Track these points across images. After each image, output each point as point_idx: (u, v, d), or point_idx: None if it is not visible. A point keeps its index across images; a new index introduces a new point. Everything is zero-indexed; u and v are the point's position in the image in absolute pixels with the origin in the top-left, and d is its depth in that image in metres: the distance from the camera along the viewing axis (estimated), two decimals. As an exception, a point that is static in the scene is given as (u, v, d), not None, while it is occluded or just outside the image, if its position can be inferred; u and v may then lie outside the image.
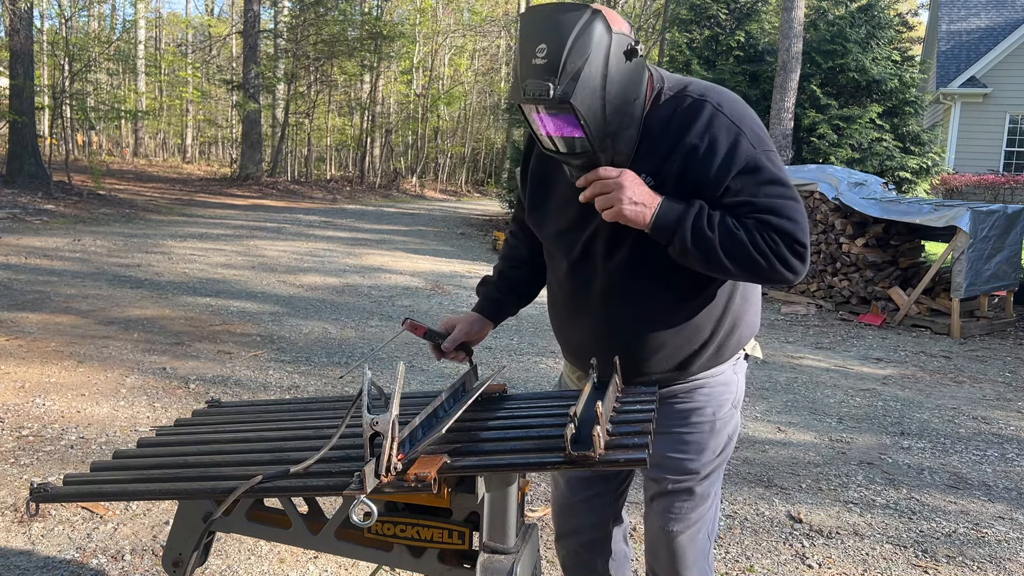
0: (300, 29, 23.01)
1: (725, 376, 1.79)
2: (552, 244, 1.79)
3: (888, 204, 8.05)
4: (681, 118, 1.57)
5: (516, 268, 1.99)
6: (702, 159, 1.55)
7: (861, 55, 13.13)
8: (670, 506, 1.80)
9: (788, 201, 1.55)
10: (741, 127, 1.56)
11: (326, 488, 1.44)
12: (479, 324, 1.95)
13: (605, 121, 1.47)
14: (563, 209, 1.72)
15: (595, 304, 1.71)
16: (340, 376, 5.01)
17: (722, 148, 1.54)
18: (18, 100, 14.51)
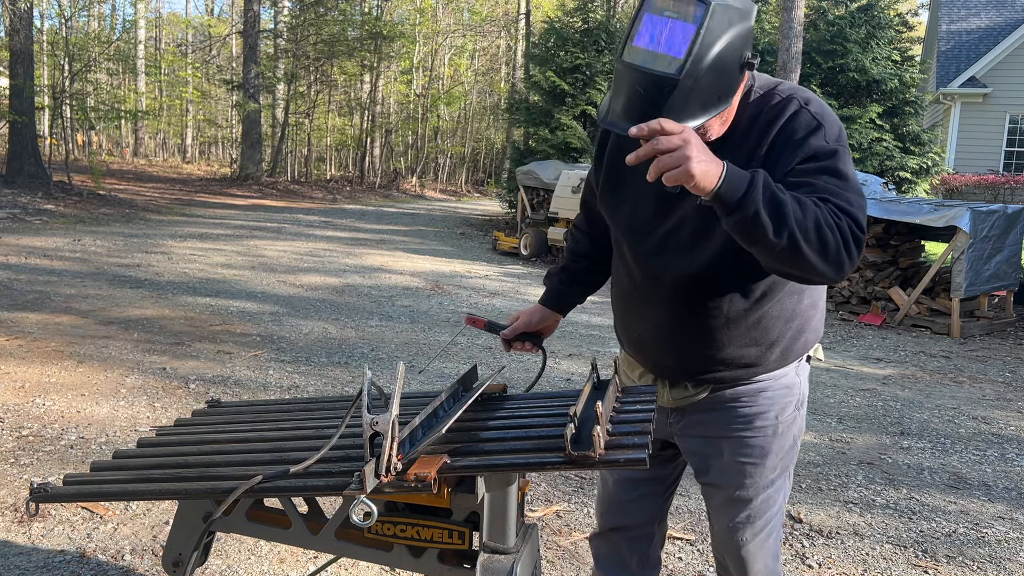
0: (300, 29, 23.02)
1: (788, 379, 1.76)
2: (624, 233, 1.74)
3: (888, 204, 8.05)
4: (767, 115, 1.56)
5: (577, 261, 1.99)
6: (779, 149, 1.53)
7: (861, 55, 13.14)
8: (737, 514, 1.78)
9: (852, 194, 1.47)
10: (822, 123, 1.54)
11: (326, 488, 1.44)
12: (540, 314, 1.96)
13: (707, 61, 1.37)
14: (640, 198, 1.69)
15: (664, 297, 1.67)
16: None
17: (798, 137, 1.52)
18: (18, 100, 14.51)
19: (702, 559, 2.94)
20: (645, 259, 1.70)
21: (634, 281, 1.75)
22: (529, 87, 17.11)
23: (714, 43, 1.37)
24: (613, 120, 1.46)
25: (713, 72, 1.39)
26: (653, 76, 1.38)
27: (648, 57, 1.38)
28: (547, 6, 28.75)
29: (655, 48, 1.38)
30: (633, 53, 1.40)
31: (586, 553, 2.94)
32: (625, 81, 1.42)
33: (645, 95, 1.39)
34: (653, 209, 1.67)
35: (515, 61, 31.49)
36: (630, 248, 1.74)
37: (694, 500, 3.44)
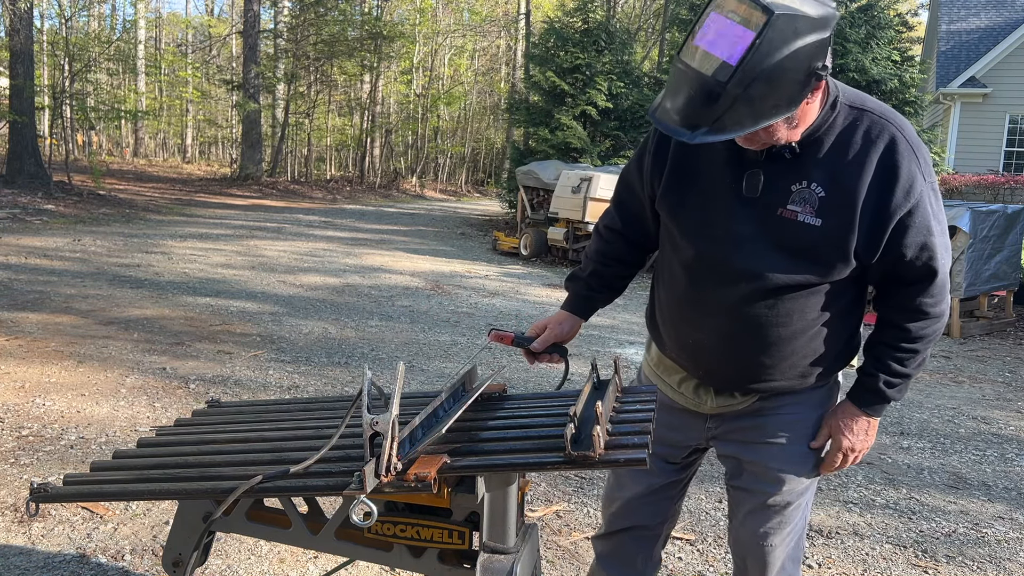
0: (300, 29, 23.02)
1: (829, 385, 1.79)
2: (691, 236, 1.66)
3: (888, 204, 8.05)
4: (863, 138, 1.53)
5: (608, 265, 1.90)
6: (883, 187, 1.52)
7: (861, 55, 13.14)
8: (768, 520, 1.77)
9: (944, 239, 1.61)
10: (919, 158, 1.54)
11: (326, 488, 1.44)
12: (569, 323, 1.88)
13: (761, 71, 1.34)
14: (710, 200, 1.63)
15: (732, 304, 1.62)
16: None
17: (904, 179, 1.52)
18: (18, 100, 14.51)
19: (702, 559, 2.94)
20: (716, 264, 1.63)
21: (697, 286, 1.67)
22: (529, 87, 17.12)
23: (772, 53, 1.33)
24: (660, 116, 1.45)
25: (767, 83, 1.35)
26: (702, 79, 1.36)
27: (701, 58, 1.37)
28: (547, 6, 28.78)
29: (711, 50, 1.36)
30: (690, 52, 1.39)
31: (586, 553, 2.94)
32: (677, 79, 1.42)
33: (693, 96, 1.39)
34: (728, 212, 1.60)
35: (515, 61, 31.51)
36: (696, 251, 1.65)
37: (693, 500, 3.44)
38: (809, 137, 1.53)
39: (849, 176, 1.52)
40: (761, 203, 1.57)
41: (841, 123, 1.54)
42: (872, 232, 1.53)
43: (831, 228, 1.52)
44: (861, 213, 1.52)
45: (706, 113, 1.38)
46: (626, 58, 16.25)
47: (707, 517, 3.29)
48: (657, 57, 26.08)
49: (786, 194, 1.55)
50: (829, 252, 1.54)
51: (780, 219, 1.55)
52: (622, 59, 15.96)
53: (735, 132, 1.39)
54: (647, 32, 30.82)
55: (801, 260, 1.56)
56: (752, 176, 1.57)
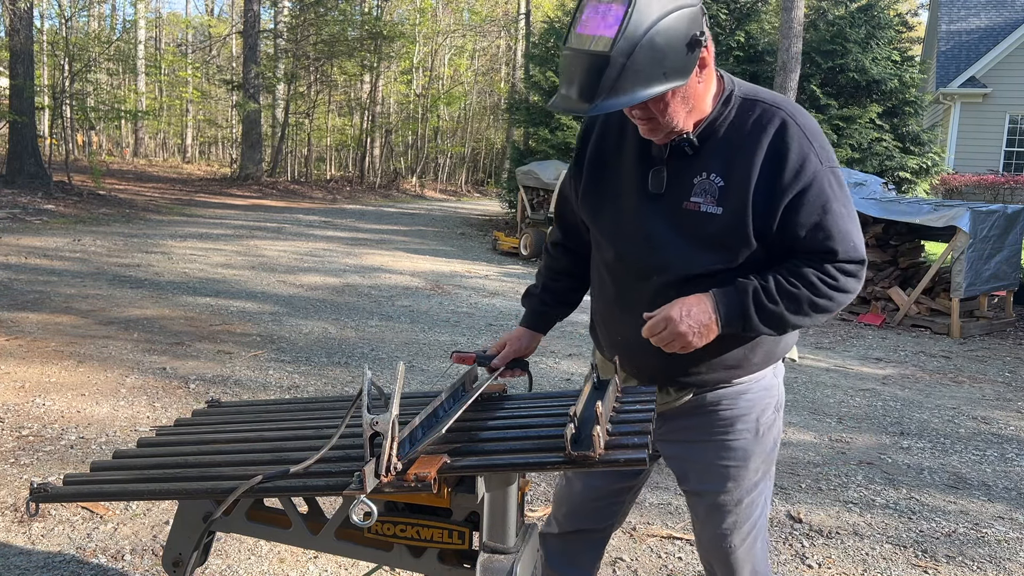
0: (300, 29, 23.01)
1: (767, 380, 1.78)
2: (609, 236, 1.74)
3: (888, 204, 8.05)
4: (754, 125, 1.60)
5: (557, 279, 1.97)
6: (773, 168, 1.57)
7: (861, 55, 13.14)
8: (723, 520, 1.78)
9: (845, 223, 1.60)
10: (812, 141, 1.59)
11: (326, 488, 1.44)
12: (528, 338, 1.94)
13: (640, 37, 1.42)
14: (622, 200, 1.70)
15: (651, 299, 1.67)
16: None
17: (793, 160, 1.57)
18: (18, 100, 14.51)
19: (702, 559, 2.94)
20: (630, 260, 1.71)
21: (618, 285, 1.76)
22: (529, 87, 17.11)
23: (646, 21, 1.42)
24: (558, 103, 1.53)
25: (651, 49, 1.44)
26: (589, 55, 1.45)
27: (583, 40, 1.46)
28: (547, 6, 28.76)
29: (591, 31, 1.45)
30: (573, 38, 1.48)
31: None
32: (567, 66, 1.50)
33: (582, 75, 1.47)
34: (638, 210, 1.68)
35: (515, 61, 31.49)
36: (614, 249, 1.74)
37: (694, 500, 3.44)
38: (706, 130, 1.61)
39: (742, 163, 1.59)
40: (667, 198, 1.64)
41: (735, 114, 1.62)
42: (766, 213, 1.58)
43: (730, 215, 1.59)
44: (754, 197, 1.58)
45: (599, 85, 1.45)
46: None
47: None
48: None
49: (689, 187, 1.62)
50: (731, 238, 1.60)
51: (685, 212, 1.62)
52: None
53: (630, 98, 1.46)
54: (647, 32, 30.77)
55: (708, 249, 1.62)
56: (656, 173, 1.65)
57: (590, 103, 1.46)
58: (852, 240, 1.60)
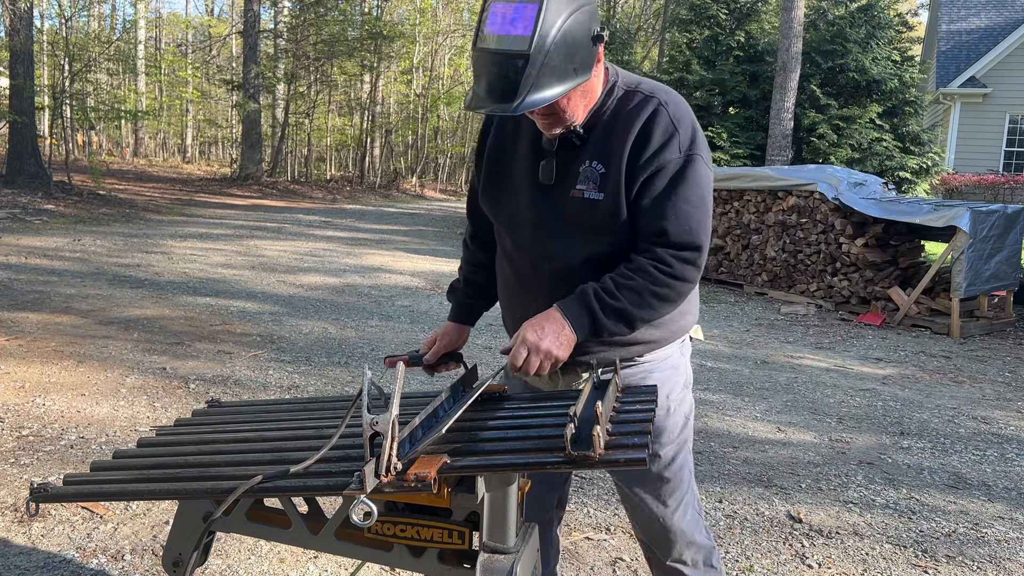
0: (300, 29, 23.01)
1: (673, 359, 1.84)
2: (506, 226, 1.82)
3: (888, 204, 8.05)
4: (630, 113, 1.66)
5: (477, 272, 2.04)
6: (636, 150, 1.64)
7: (861, 55, 13.13)
8: (647, 496, 1.84)
9: (687, 207, 1.64)
10: (678, 128, 1.65)
11: (326, 488, 1.44)
12: (456, 332, 2.02)
13: (554, 35, 1.46)
14: (517, 192, 1.77)
15: (546, 285, 1.75)
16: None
17: (655, 143, 1.63)
18: (18, 100, 14.51)
19: (702, 559, 2.94)
20: (525, 250, 1.78)
21: (516, 271, 1.83)
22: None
23: (558, 19, 1.46)
24: (477, 105, 1.55)
25: (564, 45, 1.48)
26: (506, 55, 1.48)
27: (498, 40, 1.48)
28: (547, 6, 28.69)
29: (504, 31, 1.47)
30: (485, 39, 1.50)
31: (586, 553, 2.94)
32: (483, 66, 1.52)
33: (502, 75, 1.49)
34: (529, 202, 1.75)
35: (515, 61, 31.37)
36: (511, 240, 1.82)
37: (694, 500, 3.44)
38: (591, 121, 1.68)
39: (618, 148, 1.65)
40: (557, 189, 1.71)
41: (616, 104, 1.68)
42: (627, 194, 1.66)
43: (610, 199, 1.66)
44: (624, 179, 1.65)
45: (520, 83, 1.48)
46: (626, 58, 16.25)
47: (707, 517, 3.29)
48: (657, 57, 26.09)
49: (576, 176, 1.69)
50: (612, 222, 1.67)
51: (572, 199, 1.69)
52: (622, 59, 15.95)
53: (549, 95, 1.50)
54: (647, 32, 30.81)
55: (595, 233, 1.69)
56: (546, 164, 1.72)
57: (511, 102, 1.49)
58: (689, 224, 1.64)
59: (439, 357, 1.98)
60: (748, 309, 8.57)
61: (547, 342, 1.59)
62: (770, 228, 9.24)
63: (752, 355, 6.36)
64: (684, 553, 1.88)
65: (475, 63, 1.54)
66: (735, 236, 9.74)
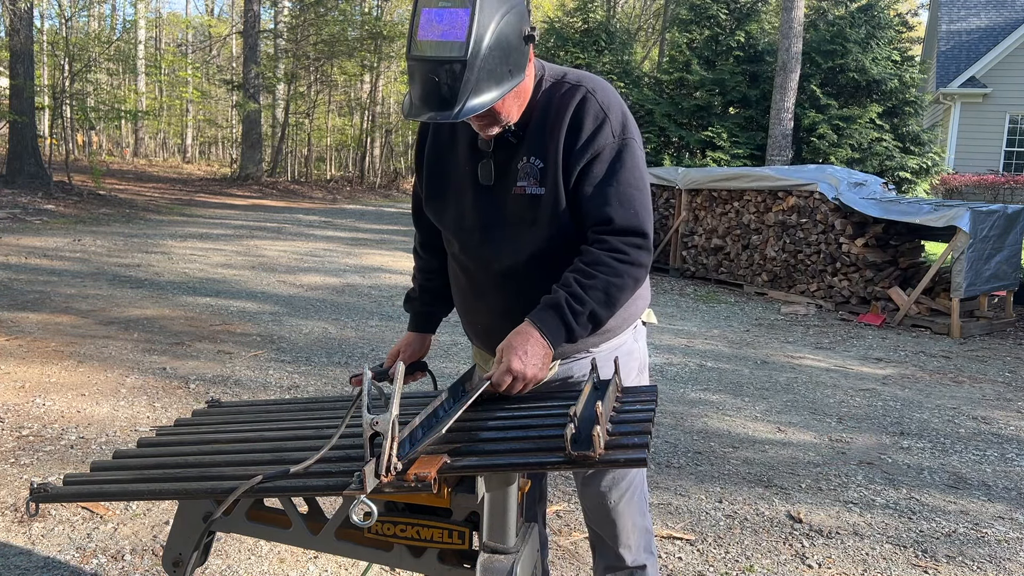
0: (300, 29, 23.01)
1: (627, 346, 1.86)
2: (453, 231, 1.82)
3: (888, 204, 8.05)
4: (559, 103, 1.67)
5: (432, 279, 2.04)
6: (570, 140, 1.65)
7: (861, 55, 13.13)
8: (600, 480, 1.85)
9: (630, 191, 1.66)
10: (608, 114, 1.66)
11: (326, 488, 1.44)
12: (419, 341, 2.05)
13: (489, 38, 1.46)
14: (460, 196, 1.78)
15: (496, 285, 1.77)
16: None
17: (587, 131, 1.64)
18: (18, 100, 14.51)
19: (702, 559, 2.94)
20: (474, 253, 1.79)
21: (468, 274, 1.84)
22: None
23: (490, 21, 1.46)
24: (416, 113, 1.55)
25: (498, 48, 1.48)
26: (443, 62, 1.47)
27: (434, 47, 1.47)
28: (547, 6, 28.75)
29: (438, 37, 1.47)
30: (420, 47, 1.49)
31: (586, 553, 2.94)
32: (419, 73, 1.51)
33: (440, 82, 1.48)
34: (473, 205, 1.75)
35: (515, 61, 31.40)
36: (459, 244, 1.82)
37: (694, 500, 3.44)
38: (524, 116, 1.67)
39: (552, 140, 1.66)
40: (497, 188, 1.72)
41: (545, 97, 1.69)
42: (566, 184, 1.67)
43: (550, 192, 1.67)
44: (562, 170, 1.66)
45: (458, 90, 1.47)
46: (626, 58, 16.26)
47: (707, 517, 3.29)
48: (657, 57, 26.08)
49: (515, 173, 1.69)
50: (557, 215, 1.68)
51: (514, 197, 1.70)
52: (622, 59, 15.96)
53: (488, 100, 1.50)
54: (647, 32, 30.82)
55: (539, 227, 1.70)
56: (484, 165, 1.71)
57: (451, 109, 1.49)
58: (634, 207, 1.66)
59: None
60: (748, 309, 8.57)
61: (532, 369, 1.60)
62: (770, 228, 9.23)
63: (752, 355, 6.36)
64: (629, 538, 1.90)
65: (411, 71, 1.53)
66: (735, 236, 9.73)
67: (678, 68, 14.55)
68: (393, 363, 1.96)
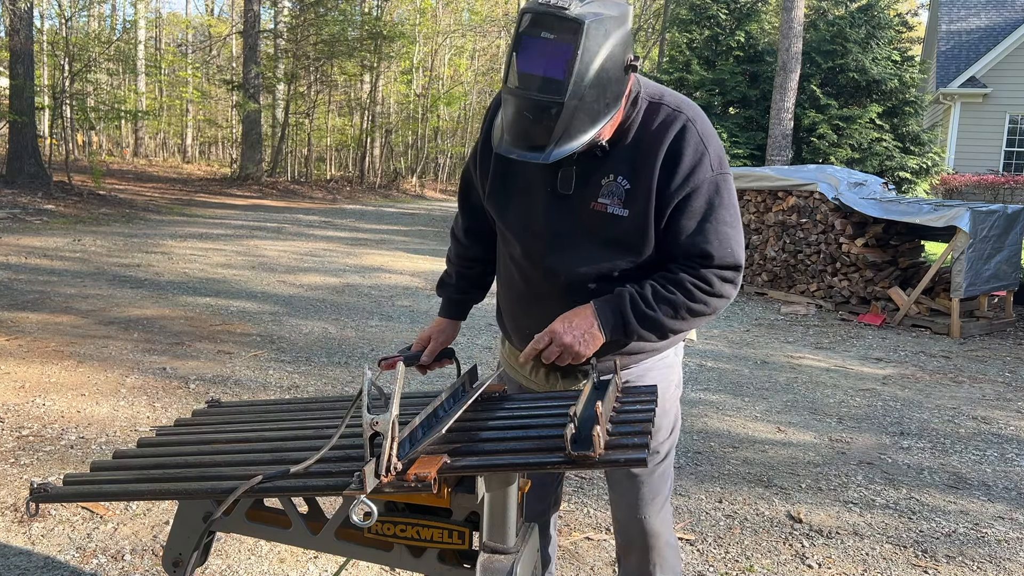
0: (300, 29, 23.00)
1: (669, 359, 1.85)
2: (516, 233, 1.77)
3: (888, 204, 8.05)
4: (657, 129, 1.62)
5: (470, 266, 2.00)
6: (668, 170, 1.61)
7: (861, 55, 13.13)
8: (637, 493, 1.84)
9: (726, 228, 1.64)
10: (707, 147, 1.62)
11: (326, 488, 1.44)
12: (450, 328, 2.01)
13: (589, 77, 1.42)
14: (528, 198, 1.72)
15: (559, 295, 1.72)
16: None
17: (686, 163, 1.60)
18: (18, 100, 14.51)
19: (702, 559, 2.94)
20: (539, 260, 1.74)
21: (526, 280, 1.79)
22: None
23: (593, 59, 1.42)
24: (509, 147, 1.52)
25: (597, 86, 1.44)
26: (538, 102, 1.43)
27: (532, 82, 1.43)
28: (547, 6, 28.68)
29: (538, 72, 1.42)
30: (517, 79, 1.45)
31: (586, 553, 2.94)
32: (512, 107, 1.48)
33: (534, 120, 1.45)
34: (544, 211, 1.71)
35: (515, 61, 31.37)
36: (522, 248, 1.77)
37: (694, 500, 3.44)
38: (616, 133, 1.63)
39: (645, 166, 1.62)
40: (575, 198, 1.67)
41: (641, 117, 1.64)
42: (659, 215, 1.64)
43: (635, 216, 1.63)
44: (656, 199, 1.62)
45: (551, 130, 1.45)
46: (626, 58, 16.23)
47: (707, 517, 3.29)
48: (657, 57, 26.08)
49: (597, 188, 1.65)
50: (636, 239, 1.65)
51: (593, 212, 1.66)
52: (622, 59, 15.94)
53: (581, 139, 1.48)
54: (647, 32, 30.80)
55: (614, 248, 1.67)
56: (566, 173, 1.66)
57: (541, 151, 1.46)
58: (730, 246, 1.64)
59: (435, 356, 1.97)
60: (748, 309, 8.57)
61: (570, 337, 1.60)
62: (770, 228, 9.23)
63: (752, 355, 6.36)
64: (660, 556, 1.89)
65: (505, 101, 1.49)
66: (735, 236, 9.73)
67: (678, 68, 14.54)
68: (423, 347, 1.95)
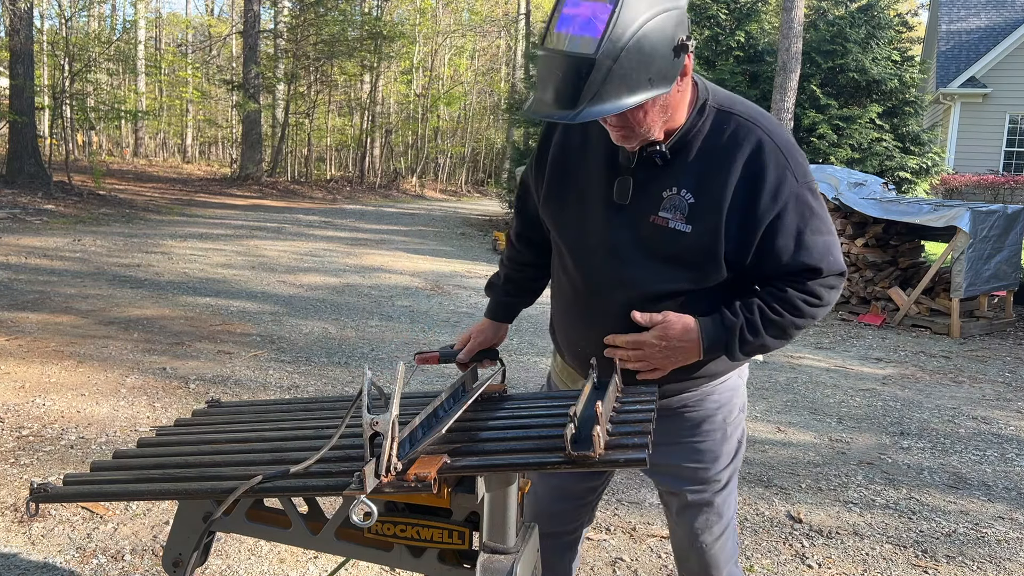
0: (300, 29, 23.00)
1: (732, 382, 1.76)
2: (571, 243, 1.68)
3: (888, 204, 8.05)
4: (729, 141, 1.53)
5: (520, 270, 1.94)
6: (749, 189, 1.52)
7: (861, 55, 13.14)
8: (695, 519, 1.78)
9: (823, 238, 1.57)
10: (789, 159, 1.53)
11: (326, 488, 1.44)
12: (493, 329, 1.94)
13: (626, 39, 1.33)
14: (585, 207, 1.64)
15: (616, 311, 1.62)
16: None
17: (771, 181, 1.51)
18: (18, 100, 14.51)
19: (702, 559, 2.94)
20: (595, 276, 1.65)
21: (579, 292, 1.69)
22: (529, 87, 17.12)
23: (634, 21, 1.33)
24: (536, 109, 1.43)
25: (638, 52, 1.34)
26: (571, 58, 1.35)
27: (567, 40, 1.36)
28: (547, 6, 28.75)
29: (574, 32, 1.35)
30: (553, 39, 1.38)
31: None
32: (547, 67, 1.40)
33: (565, 78, 1.36)
34: (602, 219, 1.62)
35: (515, 61, 31.50)
36: (577, 259, 1.67)
37: (694, 500, 3.44)
38: (679, 142, 1.54)
39: (716, 181, 1.52)
40: (632, 210, 1.58)
41: (709, 127, 1.54)
42: (741, 237, 1.53)
43: (700, 234, 1.53)
44: (728, 218, 1.52)
45: (583, 90, 1.35)
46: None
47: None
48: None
49: (658, 201, 1.56)
50: (700, 258, 1.55)
51: (652, 226, 1.56)
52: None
53: (615, 106, 1.37)
54: (647, 32, 30.78)
55: (674, 266, 1.57)
56: (622, 182, 1.58)
57: (572, 109, 1.37)
58: (833, 254, 1.58)
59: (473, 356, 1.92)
60: (748, 309, 8.57)
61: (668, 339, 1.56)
62: (770, 228, 9.23)
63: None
64: None
65: (540, 63, 1.42)
66: (735, 236, 9.73)
67: (678, 68, 14.52)
68: (463, 346, 1.91)
